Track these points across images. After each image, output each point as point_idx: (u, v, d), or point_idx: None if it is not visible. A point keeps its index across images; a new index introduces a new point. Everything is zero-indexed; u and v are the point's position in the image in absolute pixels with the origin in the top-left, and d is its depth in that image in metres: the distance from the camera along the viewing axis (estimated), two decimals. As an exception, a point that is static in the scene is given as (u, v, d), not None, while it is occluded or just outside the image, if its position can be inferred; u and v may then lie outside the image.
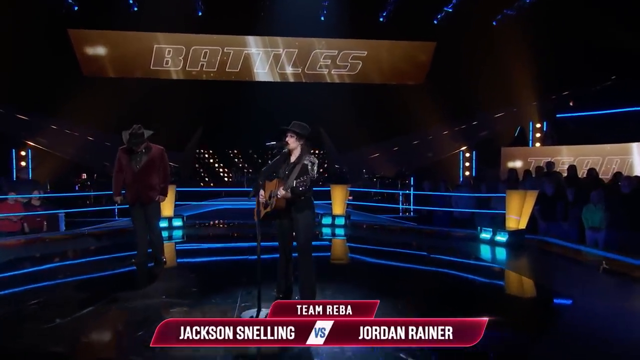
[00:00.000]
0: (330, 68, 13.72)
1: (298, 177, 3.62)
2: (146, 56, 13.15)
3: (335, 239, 7.71)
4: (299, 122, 3.83)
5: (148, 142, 5.41)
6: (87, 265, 5.82)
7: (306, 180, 3.61)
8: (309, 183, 3.60)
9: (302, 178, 3.64)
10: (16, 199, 7.53)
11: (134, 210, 5.45)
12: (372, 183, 12.88)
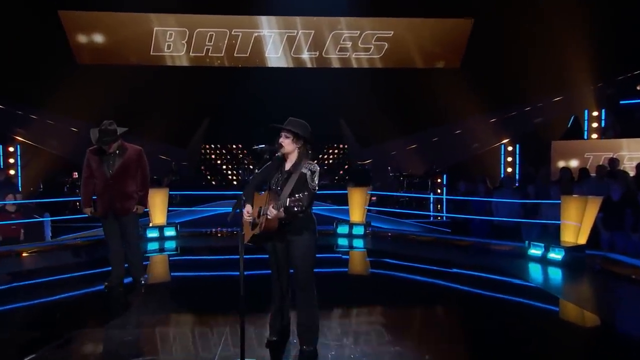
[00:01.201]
0: (351, 51, 13.18)
1: (294, 191, 3.16)
2: (145, 40, 12.72)
3: (352, 252, 7.47)
4: (297, 119, 3.35)
5: (122, 142, 4.92)
6: (50, 287, 5.34)
7: (303, 199, 3.06)
8: (307, 201, 3.11)
9: (298, 195, 3.09)
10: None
11: (107, 224, 4.98)
12: (398, 183, 12.45)
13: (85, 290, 5.16)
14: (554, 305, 4.93)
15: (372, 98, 12.27)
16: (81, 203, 5.05)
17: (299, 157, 3.33)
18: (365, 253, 7.39)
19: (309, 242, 3.32)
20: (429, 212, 10.76)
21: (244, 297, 3.06)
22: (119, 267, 5.04)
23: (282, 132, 3.33)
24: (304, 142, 3.35)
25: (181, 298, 4.96)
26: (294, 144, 3.33)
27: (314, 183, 3.23)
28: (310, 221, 3.36)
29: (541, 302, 4.91)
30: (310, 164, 3.29)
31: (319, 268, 3.33)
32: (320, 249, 6.96)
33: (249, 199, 3.40)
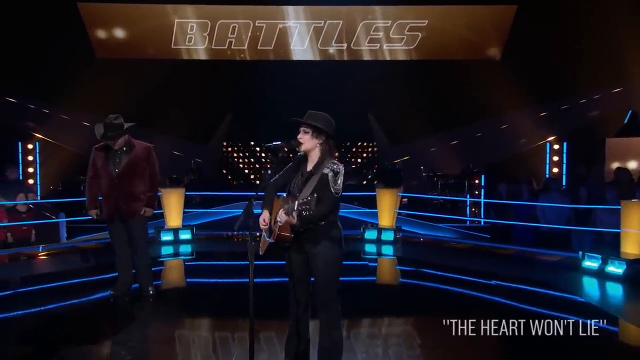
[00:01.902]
0: (382, 42, 12.89)
1: (313, 194, 2.91)
2: (166, 33, 12.71)
3: (381, 259, 7.28)
4: (318, 112, 3.11)
5: (130, 138, 4.72)
6: (52, 294, 5.18)
7: (311, 201, 2.78)
8: (327, 206, 2.86)
9: (306, 199, 2.81)
10: None
11: (113, 227, 4.80)
12: (431, 184, 12.19)
13: (89, 297, 5.00)
14: (612, 326, 4.51)
15: (404, 92, 12.00)
16: (86, 205, 4.88)
17: (321, 155, 3.06)
18: (394, 261, 7.16)
19: (331, 255, 3.04)
20: (465, 217, 10.49)
21: (252, 318, 2.77)
22: (125, 274, 4.86)
23: (300, 126, 3.08)
24: (326, 137, 3.08)
25: (192, 309, 4.75)
26: (314, 140, 3.06)
27: (337, 186, 2.95)
28: (334, 229, 3.06)
29: (597, 323, 4.44)
30: (333, 163, 3.01)
31: (344, 276, 3.13)
32: (346, 255, 6.68)
33: (268, 204, 3.14)
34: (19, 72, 10.66)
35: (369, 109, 13.74)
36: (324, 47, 13.00)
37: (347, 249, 7.53)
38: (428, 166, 12.75)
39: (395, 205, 7.84)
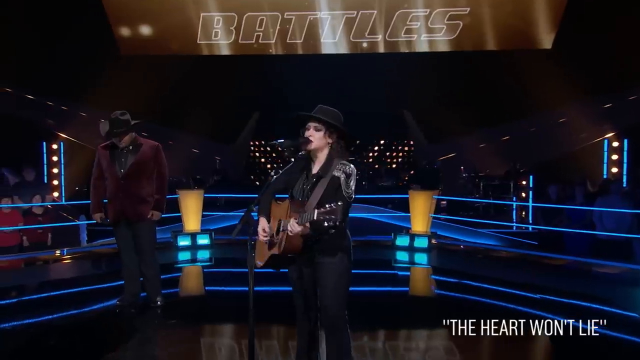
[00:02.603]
0: (419, 33, 12.51)
1: (324, 200, 2.72)
2: (191, 28, 12.68)
3: (414, 269, 7.02)
4: (328, 107, 2.96)
5: (137, 136, 4.60)
6: (56, 303, 5.07)
7: (336, 210, 2.58)
8: (341, 213, 2.62)
9: (330, 206, 2.59)
10: (14, 206, 7.21)
11: (119, 232, 4.66)
12: (472, 185, 11.98)
13: (95, 306, 4.86)
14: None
15: (443, 87, 11.80)
16: (90, 208, 4.74)
17: (330, 155, 2.89)
18: (429, 270, 6.83)
19: (342, 267, 2.87)
20: (511, 222, 10.17)
21: (252, 339, 2.56)
22: (132, 283, 4.71)
23: (310, 122, 2.89)
24: (338, 137, 2.91)
25: (202, 323, 4.52)
26: (325, 139, 2.89)
27: (350, 190, 2.80)
28: (344, 239, 2.90)
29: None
30: (344, 164, 2.84)
31: (372, 286, 2.79)
32: (375, 264, 6.59)
33: (264, 211, 2.98)
34: (40, 70, 10.82)
35: (404, 105, 13.61)
36: (357, 39, 12.70)
37: (376, 257, 7.10)
38: (469, 166, 12.51)
39: (430, 209, 7.53)
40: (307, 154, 2.92)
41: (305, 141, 2.88)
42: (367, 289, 5.43)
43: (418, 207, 7.49)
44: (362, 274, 6.26)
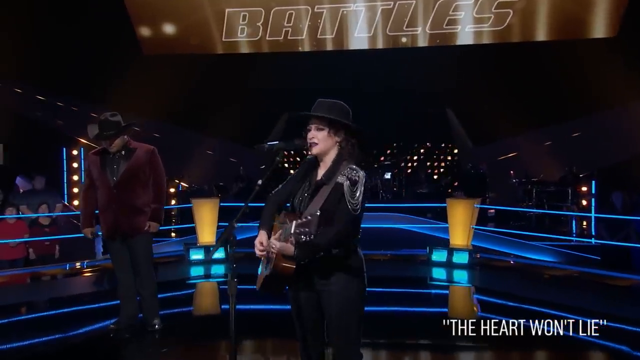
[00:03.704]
0: (463, 24, 12.35)
1: (323, 212, 2.52)
2: (217, 25, 12.85)
3: (453, 287, 6.69)
4: (330, 100, 2.71)
5: (129, 139, 4.39)
6: (50, 323, 4.93)
7: (310, 222, 2.37)
8: (341, 228, 2.51)
9: (307, 217, 2.38)
10: (18, 217, 7.17)
11: (113, 248, 4.47)
12: (524, 192, 11.51)
13: (87, 328, 4.66)
14: None
15: (490, 83, 11.53)
16: (80, 222, 4.58)
17: (338, 158, 2.65)
18: (469, 290, 6.42)
19: (351, 293, 2.62)
20: (569, 235, 9.66)
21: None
22: (128, 304, 4.49)
23: (311, 122, 2.66)
24: (346, 134, 2.66)
25: (201, 350, 4.28)
26: (331, 139, 2.65)
27: (355, 200, 2.52)
28: (352, 258, 2.63)
29: None
30: (352, 170, 2.58)
31: (403, 305, 2.51)
32: (408, 281, 6.44)
33: (266, 223, 2.75)
34: (58, 71, 11.03)
35: (447, 103, 13.34)
36: (394, 32, 12.59)
37: (409, 275, 6.68)
38: (520, 170, 12.13)
39: (471, 220, 7.15)
40: (313, 157, 2.71)
41: (302, 143, 2.66)
42: (398, 309, 5.18)
43: (457, 217, 7.14)
44: (392, 292, 6.03)
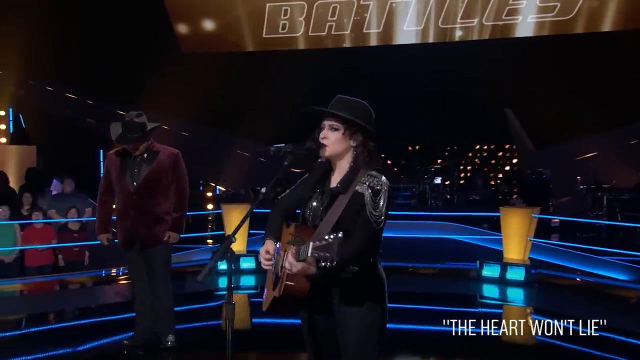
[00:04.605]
0: (525, 14, 12.00)
1: (340, 226, 2.34)
2: (258, 21, 12.93)
3: (507, 307, 6.42)
4: (350, 97, 2.58)
5: (153, 142, 4.30)
6: (63, 336, 4.96)
7: (330, 246, 2.13)
8: (360, 244, 2.35)
9: (327, 239, 2.14)
10: (45, 221, 7.29)
11: (131, 258, 4.38)
12: (593, 200, 11.06)
13: (101, 342, 4.67)
14: None
15: (554, 79, 11.16)
16: (95, 227, 4.54)
17: (354, 164, 2.49)
18: (527, 310, 6.16)
19: (370, 319, 2.47)
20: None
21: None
22: (144, 319, 4.39)
23: (325, 120, 2.51)
24: (364, 137, 2.50)
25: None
26: (346, 142, 2.49)
27: (378, 212, 2.37)
28: (373, 278, 2.48)
29: None
30: (372, 176, 2.44)
31: (445, 325, 2.98)
32: (454, 299, 6.28)
33: (273, 231, 2.62)
34: (90, 69, 11.39)
35: (505, 102, 12.89)
36: (447, 25, 12.39)
37: (457, 291, 6.40)
38: (588, 176, 11.65)
39: (529, 231, 6.82)
40: (326, 161, 2.55)
41: (315, 145, 2.47)
42: (442, 329, 4.87)
43: (512, 228, 6.83)
44: (436, 310, 5.81)
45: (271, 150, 2.58)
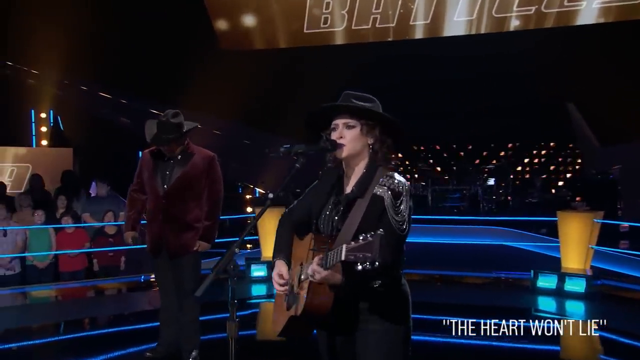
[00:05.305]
0: None
1: (360, 232, 2.15)
2: (298, 15, 12.99)
3: (565, 321, 5.81)
4: (358, 92, 2.45)
5: (189, 142, 4.21)
6: (83, 345, 5.03)
7: (371, 245, 2.00)
8: (387, 251, 2.10)
9: (363, 239, 2.04)
10: (76, 226, 7.43)
11: (158, 266, 4.31)
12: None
13: (121, 352, 4.68)
14: None
15: (624, 70, 10.87)
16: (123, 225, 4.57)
17: (371, 163, 2.39)
18: (588, 327, 5.55)
19: (395, 338, 2.36)
20: None
21: None
22: (170, 330, 4.34)
23: (337, 117, 2.39)
24: (381, 133, 2.38)
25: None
26: (363, 139, 2.38)
27: (401, 216, 2.26)
28: (397, 294, 2.37)
29: None
30: (391, 177, 2.33)
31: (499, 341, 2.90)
32: (505, 312, 5.94)
33: (284, 250, 2.53)
34: (126, 68, 11.57)
35: (567, 96, 12.56)
36: (501, 14, 12.12)
37: (508, 303, 6.11)
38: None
39: (590, 237, 6.51)
40: (338, 163, 2.43)
41: (330, 145, 2.33)
42: (489, 344, 4.79)
43: (571, 234, 6.55)
44: (483, 324, 5.53)
45: (280, 151, 2.41)
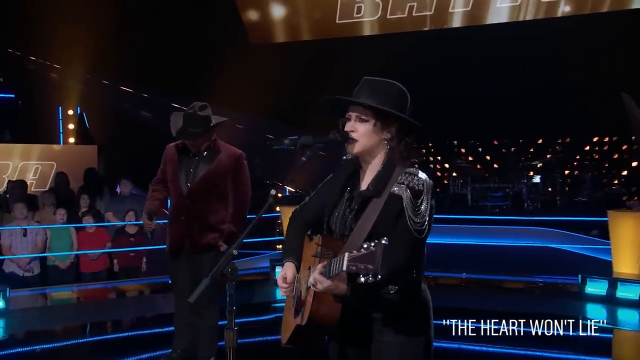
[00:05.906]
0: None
1: (375, 236, 2.09)
2: (330, 5, 13.06)
3: (617, 332, 5.92)
4: (386, 80, 2.33)
5: (217, 138, 4.12)
6: (99, 348, 5.17)
7: (373, 255, 1.89)
8: (402, 257, 2.12)
9: (369, 246, 1.92)
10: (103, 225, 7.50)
11: (177, 267, 4.24)
12: None
13: (135, 357, 4.73)
14: None
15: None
16: None
17: (388, 160, 2.26)
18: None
19: (414, 350, 2.26)
20: None
21: None
22: (183, 336, 4.28)
23: (350, 110, 2.27)
24: (399, 127, 2.25)
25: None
26: (377, 135, 2.26)
27: (420, 217, 2.16)
28: (415, 297, 2.27)
29: None
30: (411, 174, 2.22)
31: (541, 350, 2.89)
32: (551, 319, 5.51)
33: (293, 251, 2.44)
34: (151, 63, 11.81)
35: (621, 86, 11.81)
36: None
37: (554, 310, 5.82)
38: None
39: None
40: (354, 158, 2.31)
41: (340, 137, 2.20)
42: (538, 354, 4.75)
43: (624, 236, 6.30)
44: (524, 333, 5.36)
45: (285, 143, 2.29)
